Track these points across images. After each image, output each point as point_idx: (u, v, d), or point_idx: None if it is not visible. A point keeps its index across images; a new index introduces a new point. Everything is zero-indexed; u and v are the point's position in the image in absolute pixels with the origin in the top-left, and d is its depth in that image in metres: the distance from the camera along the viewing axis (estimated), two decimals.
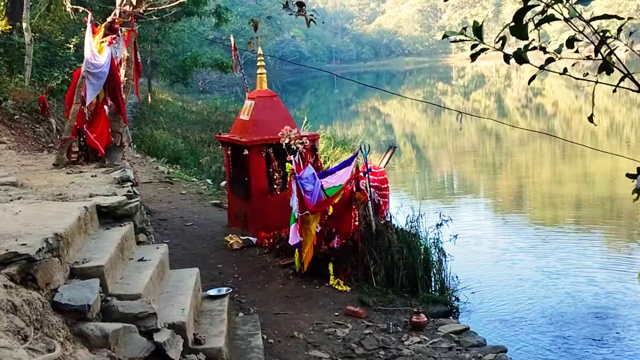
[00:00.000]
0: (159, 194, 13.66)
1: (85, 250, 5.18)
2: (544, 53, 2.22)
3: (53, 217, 5.11)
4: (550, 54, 2.19)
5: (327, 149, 18.98)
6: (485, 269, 10.30)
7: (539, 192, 17.50)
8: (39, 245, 4.28)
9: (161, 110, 30.14)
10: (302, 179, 8.46)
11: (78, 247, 5.14)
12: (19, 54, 14.85)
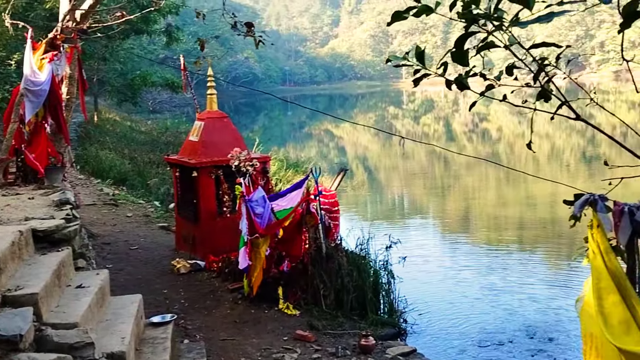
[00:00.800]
0: (103, 216, 13.29)
1: (19, 277, 4.93)
2: (484, 80, 2.20)
3: None
4: (490, 80, 2.17)
5: (279, 171, 18.89)
6: (433, 289, 10.40)
7: (485, 214, 17.81)
8: None
9: (108, 130, 29.56)
10: (252, 201, 8.34)
11: (11, 273, 4.89)
12: None
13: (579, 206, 3.01)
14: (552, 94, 2.17)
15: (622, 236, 3.14)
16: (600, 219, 3.06)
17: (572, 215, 2.90)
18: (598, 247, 3.13)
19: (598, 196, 3.03)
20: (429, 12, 1.94)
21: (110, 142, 24.48)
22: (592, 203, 3.02)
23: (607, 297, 3.12)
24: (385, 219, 17.00)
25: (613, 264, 3.14)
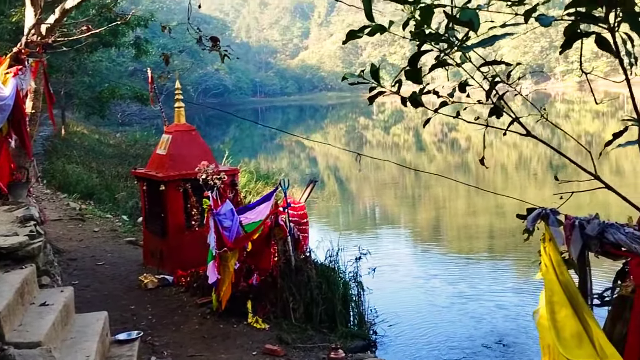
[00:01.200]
0: (70, 232, 13.09)
1: None
2: (437, 97, 2.24)
3: None
4: (443, 97, 2.21)
5: (249, 183, 18.83)
6: (403, 299, 10.46)
7: (454, 223, 17.99)
8: None
9: (75, 143, 29.17)
10: (220, 215, 8.30)
11: None
12: None
13: (531, 220, 3.06)
14: (504, 110, 2.22)
15: (573, 249, 3.20)
16: (552, 233, 3.12)
17: (525, 229, 2.95)
18: (550, 260, 3.19)
19: (550, 210, 3.08)
20: (383, 31, 1.97)
21: (78, 156, 24.15)
22: (544, 217, 3.08)
23: (559, 311, 3.17)
24: (355, 230, 17.06)
25: (565, 277, 3.19)
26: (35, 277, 5.92)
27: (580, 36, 1.86)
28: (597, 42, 1.89)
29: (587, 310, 3.17)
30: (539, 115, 2.41)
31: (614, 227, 3.10)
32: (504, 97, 2.19)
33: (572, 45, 1.89)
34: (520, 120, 2.23)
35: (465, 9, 1.77)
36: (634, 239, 2.95)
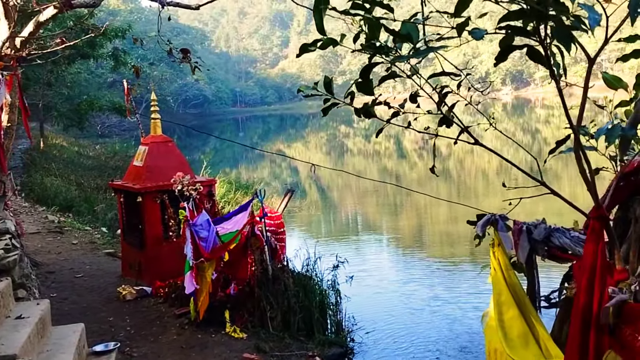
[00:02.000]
0: (48, 244, 13.02)
1: None
2: (388, 108, 2.32)
3: None
4: (395, 108, 2.29)
5: (227, 194, 18.83)
6: (380, 307, 10.52)
7: (431, 230, 18.12)
8: None
9: (54, 156, 28.94)
10: (196, 225, 8.33)
11: None
12: None
13: (481, 226, 3.16)
14: (453, 120, 2.31)
15: (521, 253, 3.30)
16: (500, 238, 3.21)
17: (475, 234, 3.05)
18: (499, 264, 3.28)
19: (499, 216, 3.18)
20: (335, 45, 2.05)
21: (57, 169, 23.97)
22: (493, 222, 3.17)
23: (507, 312, 3.26)
24: (334, 238, 17.14)
25: (512, 280, 3.29)
26: (10, 290, 5.93)
27: (514, 48, 1.96)
28: (529, 54, 1.99)
29: (533, 312, 3.27)
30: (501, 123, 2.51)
31: (560, 231, 3.21)
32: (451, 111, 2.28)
33: (507, 58, 1.99)
34: (469, 130, 2.32)
35: (405, 23, 1.86)
36: (578, 242, 3.06)
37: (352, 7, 1.95)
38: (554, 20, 1.82)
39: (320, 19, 1.98)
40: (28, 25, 9.33)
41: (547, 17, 1.81)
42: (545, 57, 1.93)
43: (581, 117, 2.18)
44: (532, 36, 1.88)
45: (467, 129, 2.32)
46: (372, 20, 1.90)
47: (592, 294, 2.26)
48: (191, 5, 10.00)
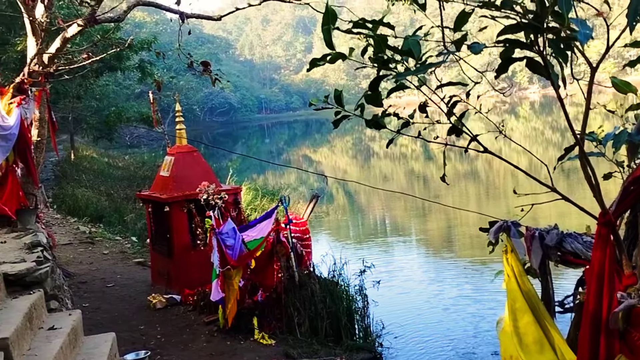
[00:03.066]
0: (79, 255, 13.27)
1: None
2: (397, 119, 2.37)
3: None
4: (404, 119, 2.34)
5: (254, 201, 18.95)
6: (408, 311, 10.51)
7: (461, 233, 17.98)
8: None
9: (85, 167, 29.41)
10: (222, 234, 8.43)
11: None
12: None
13: (493, 232, 3.17)
14: (462, 130, 2.34)
15: (534, 259, 3.30)
16: (513, 244, 3.22)
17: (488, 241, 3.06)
18: (512, 270, 3.29)
19: (511, 222, 3.19)
20: (344, 59, 2.10)
21: (87, 180, 24.39)
22: (506, 229, 3.18)
23: (521, 318, 3.27)
24: (360, 242, 17.16)
25: (526, 286, 3.29)
26: (43, 301, 6.06)
27: (514, 60, 2.00)
28: (529, 65, 2.03)
29: (548, 317, 3.27)
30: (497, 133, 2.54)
31: (572, 236, 3.21)
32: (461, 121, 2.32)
33: (507, 69, 2.03)
34: (477, 139, 2.36)
35: (407, 39, 1.91)
36: (590, 247, 3.05)
37: (354, 27, 2.01)
38: (551, 32, 1.86)
39: (328, 36, 2.04)
40: (55, 42, 9.56)
41: (544, 30, 1.85)
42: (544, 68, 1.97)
43: (585, 123, 2.20)
44: (530, 48, 1.92)
45: (475, 137, 2.36)
46: (375, 38, 1.96)
47: (601, 299, 2.28)
48: (213, 16, 10.16)
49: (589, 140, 2.23)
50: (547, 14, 1.84)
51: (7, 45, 21.41)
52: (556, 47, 1.89)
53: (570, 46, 1.90)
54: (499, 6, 1.88)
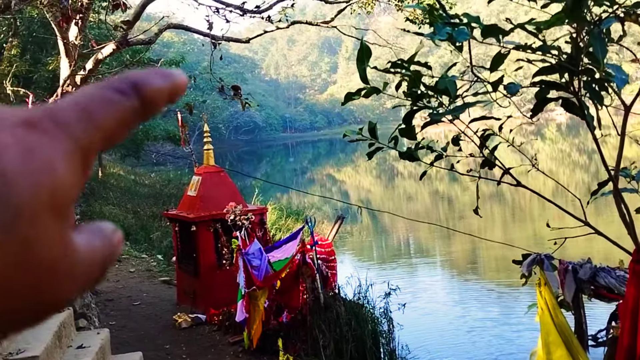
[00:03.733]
0: (107, 272, 13.40)
1: (20, 340, 5.06)
2: (431, 152, 2.40)
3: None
4: (437, 151, 2.37)
5: (278, 220, 19.02)
6: (435, 335, 10.42)
7: (489, 255, 17.81)
8: None
9: (112, 185, 29.78)
10: (248, 254, 8.48)
11: (12, 336, 5.03)
12: None
13: (527, 265, 3.17)
14: (495, 163, 2.36)
15: (568, 293, 3.29)
16: (547, 277, 3.21)
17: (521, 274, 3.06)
18: (546, 303, 3.27)
19: (544, 255, 3.18)
20: (378, 93, 2.15)
21: (114, 197, 24.68)
22: (539, 262, 3.17)
23: (555, 351, 3.24)
24: (386, 263, 17.08)
25: (560, 319, 3.27)
26: (72, 320, 6.16)
27: (549, 100, 2.02)
28: (564, 105, 2.05)
29: (581, 351, 3.24)
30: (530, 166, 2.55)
31: (605, 270, 3.19)
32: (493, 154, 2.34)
33: (543, 109, 2.05)
34: (511, 172, 2.37)
35: (442, 78, 1.94)
36: (624, 282, 3.03)
37: (392, 67, 2.05)
38: (586, 74, 1.88)
39: (363, 72, 2.08)
40: (88, 63, 9.79)
41: (579, 73, 1.87)
42: (579, 109, 1.98)
43: (620, 160, 2.21)
44: (566, 89, 1.95)
45: (508, 171, 2.37)
46: (411, 76, 2.00)
47: (636, 335, 2.26)
48: (241, 39, 10.32)
49: (622, 176, 2.24)
50: (582, 56, 1.86)
51: (39, 64, 21.89)
52: (591, 89, 1.91)
53: (605, 88, 1.92)
54: (536, 49, 1.91)
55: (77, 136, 0.38)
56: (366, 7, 11.89)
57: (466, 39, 1.91)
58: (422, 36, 2.01)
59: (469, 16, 1.95)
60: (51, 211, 0.35)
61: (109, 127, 0.39)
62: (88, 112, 0.38)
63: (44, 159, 0.35)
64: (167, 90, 0.41)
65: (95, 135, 0.39)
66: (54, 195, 0.36)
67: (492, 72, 1.96)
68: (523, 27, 1.91)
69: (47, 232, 0.35)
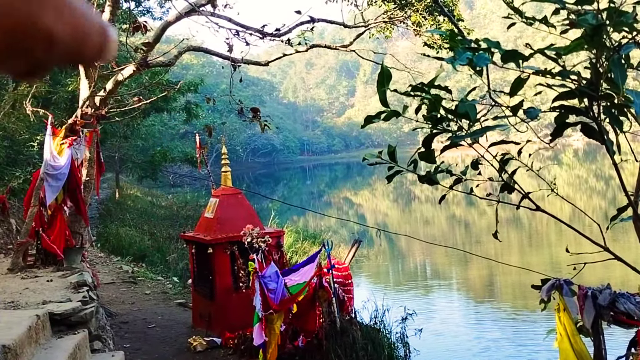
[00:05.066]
0: (122, 294, 13.41)
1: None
2: (450, 175, 2.38)
3: (2, 328, 5.01)
4: (457, 175, 2.34)
5: (295, 243, 18.98)
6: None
7: (508, 281, 17.62)
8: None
9: (129, 206, 29.94)
10: (265, 277, 8.44)
11: (27, 358, 5.03)
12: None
13: (546, 290, 3.11)
14: (514, 187, 2.33)
15: (587, 318, 3.23)
16: (566, 303, 3.16)
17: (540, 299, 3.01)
18: (565, 329, 3.21)
19: (563, 281, 3.13)
20: (398, 116, 2.13)
21: (131, 219, 24.78)
22: (558, 287, 3.12)
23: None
24: (402, 288, 16.95)
25: (579, 345, 3.21)
26: (87, 342, 6.15)
27: (568, 125, 2.00)
28: (583, 130, 2.02)
29: None
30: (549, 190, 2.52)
31: (625, 296, 3.13)
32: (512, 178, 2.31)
33: (562, 134, 2.03)
34: (530, 197, 2.34)
35: (462, 102, 1.93)
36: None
37: (412, 90, 2.04)
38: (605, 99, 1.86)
39: (383, 95, 2.08)
40: (108, 84, 9.89)
41: (599, 98, 1.85)
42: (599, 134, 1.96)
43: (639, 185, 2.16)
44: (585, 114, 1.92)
45: (527, 195, 2.34)
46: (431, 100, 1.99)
47: None
48: (261, 62, 10.40)
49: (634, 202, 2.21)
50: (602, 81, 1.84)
51: (59, 85, 22.20)
52: (610, 114, 1.89)
53: (624, 113, 1.90)
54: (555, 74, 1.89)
55: None
56: (384, 32, 11.95)
57: (486, 64, 1.90)
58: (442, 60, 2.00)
59: (489, 41, 1.95)
60: None
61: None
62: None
63: None
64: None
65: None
66: None
67: (512, 96, 1.94)
68: (543, 53, 1.90)
69: None
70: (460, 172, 2.35)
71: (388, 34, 12.03)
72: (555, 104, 1.96)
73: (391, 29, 11.96)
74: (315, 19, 9.19)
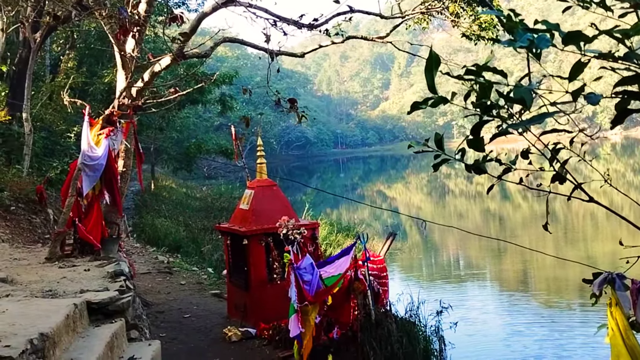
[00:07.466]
0: (158, 284, 13.54)
1: (72, 350, 5.09)
2: (499, 164, 2.29)
3: (40, 316, 5.05)
4: (506, 164, 2.26)
5: (329, 236, 18.94)
6: (487, 354, 10.13)
7: (541, 275, 17.35)
8: (23, 347, 4.20)
9: (164, 198, 30.24)
10: (300, 269, 8.40)
11: (65, 346, 5.07)
12: (18, 143, 14.98)
13: (597, 285, 3.00)
14: (566, 177, 2.23)
15: (639, 313, 3.11)
16: (618, 297, 3.04)
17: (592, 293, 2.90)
18: (617, 324, 3.10)
19: (616, 274, 3.01)
20: (445, 102, 2.05)
21: (166, 210, 25.03)
22: (611, 281, 3.01)
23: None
24: (437, 281, 16.80)
25: (631, 341, 3.10)
26: (124, 331, 6.19)
27: (630, 112, 1.89)
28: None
29: None
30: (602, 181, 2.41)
31: None
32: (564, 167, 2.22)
33: (623, 121, 1.92)
34: (582, 187, 2.24)
35: (518, 87, 1.84)
36: None
37: (466, 73, 1.96)
38: None
39: (431, 80, 2.00)
40: (144, 75, 9.94)
41: None
42: None
43: None
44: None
45: (580, 186, 2.24)
46: (483, 84, 1.90)
47: None
48: (297, 53, 10.34)
49: None
50: None
51: (95, 77, 22.53)
52: None
53: None
54: (619, 57, 1.79)
55: None
56: (421, 23, 11.78)
57: (548, 46, 1.81)
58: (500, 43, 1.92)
59: (548, 23, 1.85)
60: None
61: None
62: None
63: None
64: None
65: None
66: None
67: (571, 81, 1.84)
68: (609, 34, 1.80)
69: None
70: (509, 161, 2.26)
71: (425, 25, 11.85)
72: (618, 89, 1.86)
73: (428, 20, 11.77)
74: (354, 9, 9.09)
